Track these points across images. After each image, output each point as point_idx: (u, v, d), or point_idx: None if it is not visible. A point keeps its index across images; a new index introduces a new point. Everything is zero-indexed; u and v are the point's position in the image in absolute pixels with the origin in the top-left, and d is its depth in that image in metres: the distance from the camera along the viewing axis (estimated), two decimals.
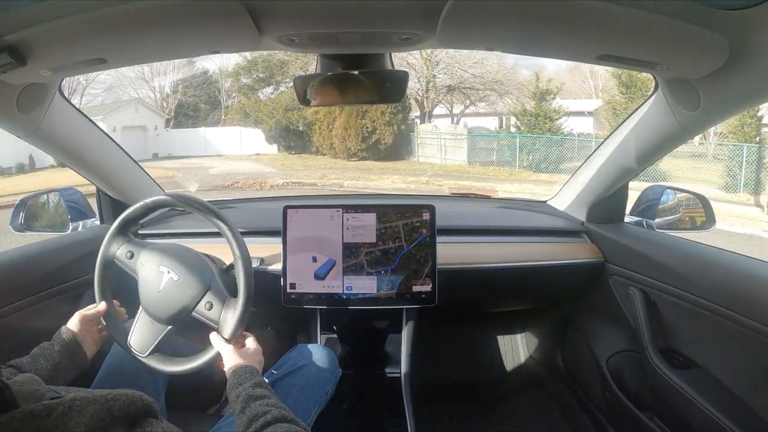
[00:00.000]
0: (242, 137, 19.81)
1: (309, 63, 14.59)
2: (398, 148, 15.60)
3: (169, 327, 0.98)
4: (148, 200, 1.04)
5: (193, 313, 0.96)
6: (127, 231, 1.06)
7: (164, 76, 23.41)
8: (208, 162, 17.34)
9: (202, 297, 0.96)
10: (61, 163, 1.29)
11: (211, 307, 0.96)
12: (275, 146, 18.77)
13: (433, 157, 15.25)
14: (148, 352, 0.98)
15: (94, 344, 0.98)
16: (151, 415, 0.52)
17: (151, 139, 20.84)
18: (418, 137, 15.92)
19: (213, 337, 0.95)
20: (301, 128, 17.34)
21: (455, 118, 20.65)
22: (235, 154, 19.17)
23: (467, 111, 20.48)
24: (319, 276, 1.26)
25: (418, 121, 17.72)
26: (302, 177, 12.86)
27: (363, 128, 14.92)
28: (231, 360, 0.89)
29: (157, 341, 0.98)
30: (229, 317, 0.94)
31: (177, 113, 23.10)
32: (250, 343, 0.96)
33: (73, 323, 0.95)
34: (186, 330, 1.01)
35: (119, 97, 23.64)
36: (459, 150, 14.75)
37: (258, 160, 17.03)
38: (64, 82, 1.08)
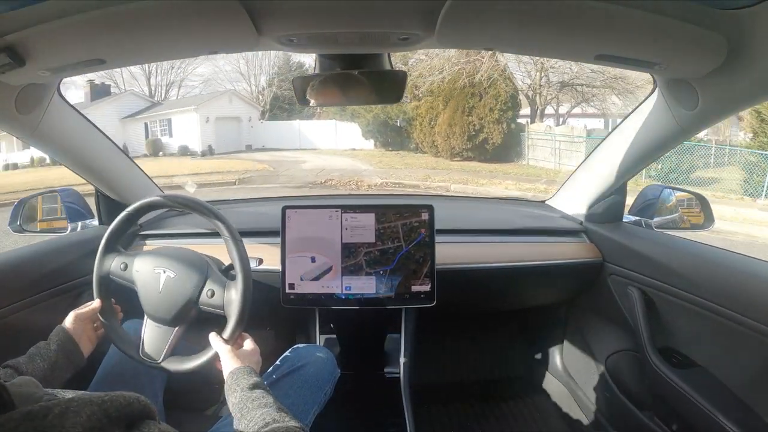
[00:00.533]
0: (337, 131, 19.28)
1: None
2: (507, 149, 14.05)
3: (177, 328, 0.98)
4: (131, 208, 1.03)
5: (199, 305, 0.96)
6: (114, 245, 1.05)
7: (260, 70, 24.01)
8: (301, 155, 16.89)
9: (203, 286, 0.97)
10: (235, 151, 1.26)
11: (213, 294, 0.96)
12: (372, 142, 17.99)
13: (545, 161, 13.60)
14: (161, 358, 0.98)
15: (90, 343, 0.98)
16: (149, 416, 0.52)
17: (245, 131, 21.06)
18: (528, 138, 14.07)
19: (212, 337, 0.94)
20: (399, 124, 16.34)
21: (561, 119, 18.87)
22: (329, 148, 18.67)
23: (574, 111, 18.52)
24: (315, 278, 1.26)
25: (528, 120, 15.67)
26: (402, 177, 11.72)
27: (469, 126, 13.47)
28: (228, 361, 0.89)
29: (168, 344, 0.98)
30: (233, 306, 0.94)
31: (272, 106, 23.24)
32: (248, 344, 0.96)
33: (68, 322, 0.95)
34: (190, 331, 1.01)
35: (216, 89, 24.11)
36: (575, 154, 12.68)
37: (353, 156, 16.36)
38: (151, 71, 1.04)
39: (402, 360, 1.35)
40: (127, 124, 20.64)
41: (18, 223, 1.38)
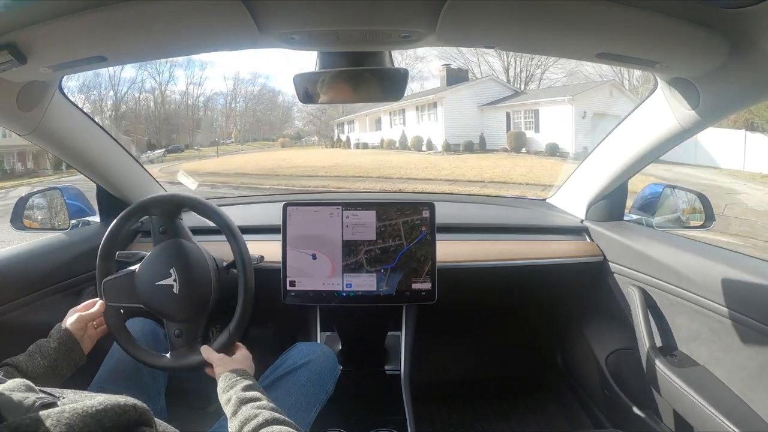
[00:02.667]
0: (747, 144, 13.69)
1: None
2: None
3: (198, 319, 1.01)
4: (131, 207, 1.04)
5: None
6: (115, 245, 1.05)
7: None
8: (704, 175, 12.49)
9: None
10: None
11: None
12: None
13: None
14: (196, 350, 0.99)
15: (91, 341, 0.98)
16: (145, 423, 0.51)
17: None
18: None
19: (204, 350, 0.95)
20: None
21: None
22: (733, 168, 13.32)
23: None
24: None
25: None
26: None
27: None
28: (220, 367, 0.89)
29: (199, 337, 1.01)
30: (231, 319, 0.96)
31: None
32: (241, 352, 0.96)
33: (69, 322, 0.94)
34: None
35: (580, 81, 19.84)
36: None
37: None
38: (510, 62, 0.97)
39: (402, 357, 1.36)
40: (486, 112, 18.10)
41: (20, 220, 1.37)
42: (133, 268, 1.01)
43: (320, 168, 15.47)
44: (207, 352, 0.94)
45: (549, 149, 15.75)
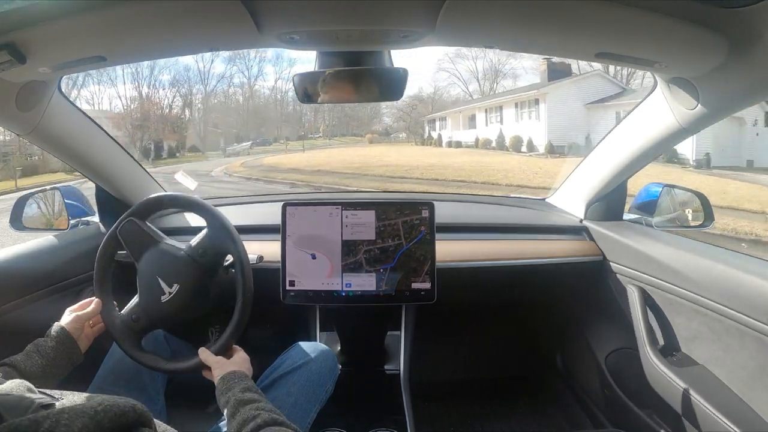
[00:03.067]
0: None
1: None
2: None
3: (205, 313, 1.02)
4: (131, 209, 1.04)
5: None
6: (114, 246, 1.05)
7: None
8: None
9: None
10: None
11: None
12: None
13: None
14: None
15: (88, 340, 0.97)
16: (144, 424, 0.51)
17: (747, 139, 13.86)
18: None
19: (201, 352, 0.95)
20: None
21: None
22: None
23: None
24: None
25: None
26: None
27: None
28: (218, 370, 0.89)
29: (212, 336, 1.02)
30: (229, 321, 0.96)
31: None
32: (239, 354, 0.96)
33: (66, 321, 0.94)
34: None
35: None
36: None
37: None
38: None
39: (402, 357, 1.36)
40: (593, 111, 16.75)
41: (19, 220, 1.37)
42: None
43: (414, 169, 14.02)
44: (205, 354, 0.94)
45: (667, 154, 13.25)
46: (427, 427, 1.61)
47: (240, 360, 0.94)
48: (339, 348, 1.45)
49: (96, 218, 1.49)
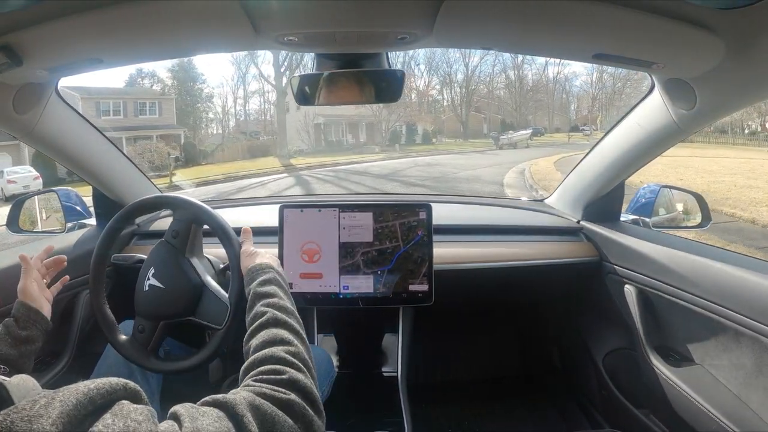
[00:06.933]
0: None
1: None
2: None
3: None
4: (126, 208, 1.02)
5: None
6: (111, 245, 1.03)
7: None
8: None
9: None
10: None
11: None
12: None
13: None
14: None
15: (48, 302, 0.95)
16: (133, 400, 0.53)
17: None
18: None
19: (244, 242, 0.93)
20: None
21: None
22: None
23: None
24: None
25: None
26: None
27: None
28: (246, 259, 0.90)
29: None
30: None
31: None
32: (266, 249, 0.94)
33: (21, 294, 0.91)
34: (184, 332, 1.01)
35: None
36: None
37: None
38: None
39: (399, 359, 1.36)
40: None
41: (16, 223, 1.37)
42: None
43: None
44: (246, 244, 0.93)
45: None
46: (424, 428, 1.60)
47: (267, 253, 0.93)
48: (336, 350, 1.44)
49: (93, 220, 1.48)
